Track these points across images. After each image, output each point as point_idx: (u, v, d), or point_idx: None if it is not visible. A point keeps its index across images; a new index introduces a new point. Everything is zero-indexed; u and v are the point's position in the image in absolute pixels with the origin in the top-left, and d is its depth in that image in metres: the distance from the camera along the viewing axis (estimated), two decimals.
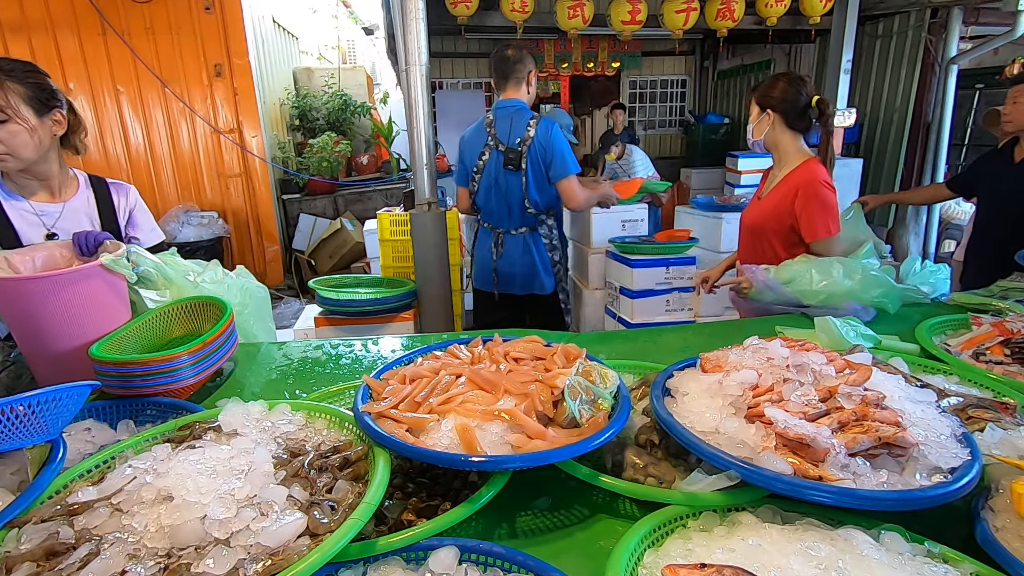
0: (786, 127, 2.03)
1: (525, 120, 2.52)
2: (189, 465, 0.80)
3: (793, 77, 2.01)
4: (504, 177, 2.58)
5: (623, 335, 2.06)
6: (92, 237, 1.41)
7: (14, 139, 1.43)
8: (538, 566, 0.72)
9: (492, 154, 2.59)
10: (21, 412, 0.80)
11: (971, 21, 4.97)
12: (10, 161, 1.45)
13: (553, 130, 2.52)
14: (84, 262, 1.37)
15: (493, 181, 2.62)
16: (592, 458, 0.96)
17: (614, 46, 7.99)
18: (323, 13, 9.63)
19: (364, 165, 6.92)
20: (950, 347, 1.38)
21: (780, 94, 1.99)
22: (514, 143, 2.52)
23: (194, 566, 0.65)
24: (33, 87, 1.45)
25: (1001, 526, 0.76)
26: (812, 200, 1.96)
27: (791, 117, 2.01)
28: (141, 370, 1.18)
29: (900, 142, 5.25)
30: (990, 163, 2.78)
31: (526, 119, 2.52)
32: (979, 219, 2.82)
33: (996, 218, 2.67)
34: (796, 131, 2.03)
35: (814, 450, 0.81)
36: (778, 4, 4.78)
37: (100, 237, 1.42)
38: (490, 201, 2.67)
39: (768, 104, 2.02)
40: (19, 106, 1.42)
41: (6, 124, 1.41)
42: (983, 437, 0.94)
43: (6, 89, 1.40)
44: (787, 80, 2.00)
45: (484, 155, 2.61)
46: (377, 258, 3.46)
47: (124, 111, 5.46)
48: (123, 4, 5.16)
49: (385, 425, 0.91)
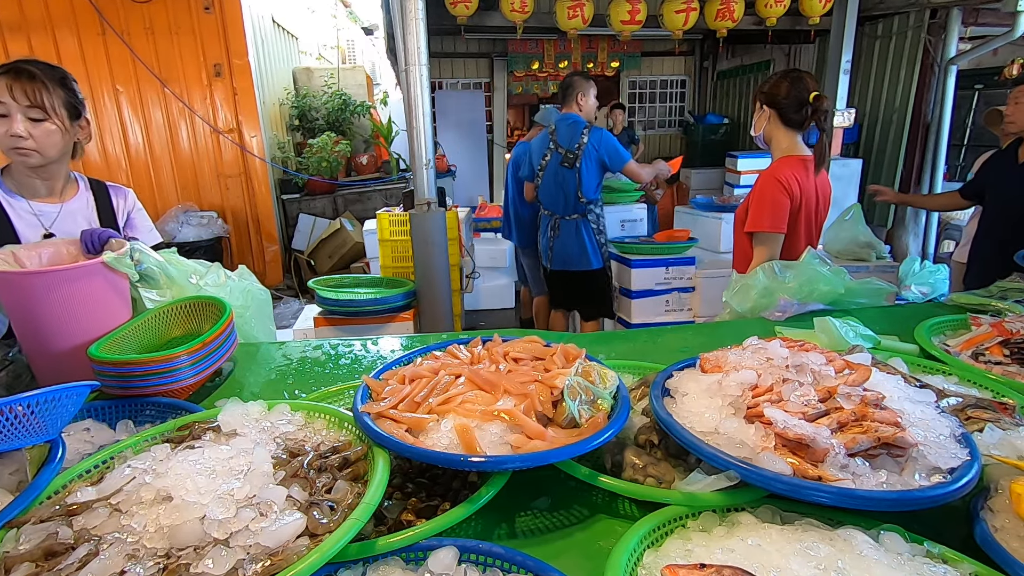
0: (781, 123, 2.03)
1: (579, 129, 3.25)
2: (188, 465, 0.80)
3: (794, 74, 2.01)
4: (561, 173, 3.32)
5: (622, 335, 2.06)
6: (98, 235, 1.43)
7: (47, 138, 1.49)
8: (537, 566, 0.72)
9: (553, 156, 3.35)
10: (20, 412, 0.79)
11: (970, 22, 4.97)
12: (35, 158, 1.50)
13: (603, 134, 3.26)
14: (89, 259, 1.38)
15: (552, 176, 3.37)
16: (591, 458, 0.96)
17: (614, 46, 8.00)
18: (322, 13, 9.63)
19: (364, 165, 6.91)
20: (949, 347, 1.39)
21: (777, 90, 2.00)
22: (572, 147, 3.25)
23: (193, 566, 0.64)
24: (70, 93, 1.53)
25: (1000, 526, 0.76)
26: (755, 192, 2.01)
27: (786, 113, 2.01)
28: (140, 370, 1.18)
29: (899, 142, 5.25)
30: (995, 165, 2.78)
31: (580, 128, 3.25)
32: (983, 220, 2.81)
33: (999, 219, 2.67)
34: (791, 127, 2.03)
35: (813, 450, 0.81)
36: (777, 4, 4.78)
37: (106, 235, 1.43)
38: (550, 193, 3.43)
39: (766, 99, 2.04)
40: (59, 108, 1.49)
41: (43, 123, 1.47)
42: (982, 437, 0.94)
43: (51, 91, 1.47)
44: (787, 76, 2.01)
45: (547, 156, 3.38)
46: (376, 258, 3.46)
47: (123, 111, 5.45)
48: (122, 4, 5.16)
49: (384, 425, 0.90)
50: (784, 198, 1.94)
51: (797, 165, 1.99)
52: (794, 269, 1.72)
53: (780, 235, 1.96)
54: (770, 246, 1.96)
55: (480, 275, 4.05)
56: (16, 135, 1.44)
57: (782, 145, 2.05)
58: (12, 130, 1.44)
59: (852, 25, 4.74)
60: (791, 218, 1.98)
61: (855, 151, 5.67)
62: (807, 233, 2.04)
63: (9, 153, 1.48)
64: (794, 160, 2.00)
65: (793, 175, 1.96)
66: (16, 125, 1.43)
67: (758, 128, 2.09)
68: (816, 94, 1.96)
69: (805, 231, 2.03)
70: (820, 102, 1.95)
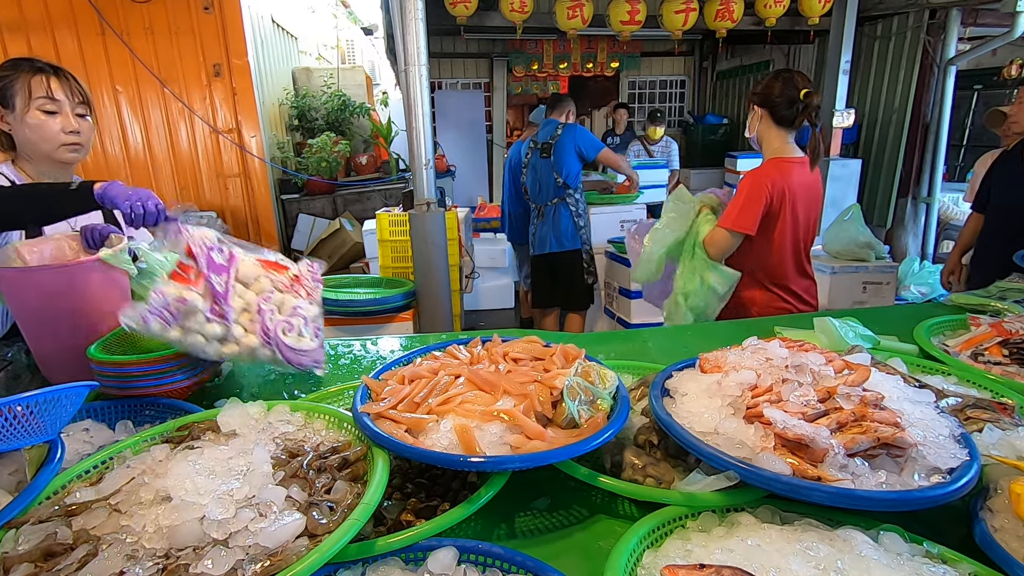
0: (772, 122, 2.04)
1: (555, 125, 3.66)
2: (187, 466, 0.80)
3: (785, 73, 2.03)
4: (540, 163, 3.67)
5: (622, 335, 2.06)
6: (98, 231, 1.44)
7: (90, 133, 1.60)
8: (537, 566, 0.72)
9: (533, 152, 3.73)
10: (19, 412, 0.79)
11: (969, 22, 4.97)
12: (82, 152, 1.59)
13: (578, 128, 3.63)
14: (90, 255, 1.38)
15: (533, 169, 3.74)
16: (591, 458, 0.96)
17: (613, 46, 7.99)
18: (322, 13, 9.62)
19: (363, 165, 6.90)
20: (948, 348, 1.39)
21: (769, 89, 2.02)
22: (547, 139, 3.63)
23: (192, 567, 0.64)
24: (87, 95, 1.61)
25: (999, 526, 0.76)
26: (740, 185, 2.03)
27: (778, 111, 2.01)
28: (140, 370, 1.18)
29: (899, 143, 5.25)
30: (1001, 166, 2.77)
31: (556, 125, 3.66)
32: (987, 222, 2.79)
33: (1005, 220, 2.66)
34: (783, 127, 2.03)
35: (813, 450, 0.81)
36: (777, 5, 4.78)
37: (106, 231, 1.44)
38: (533, 185, 3.77)
39: (759, 99, 2.05)
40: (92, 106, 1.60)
41: (86, 118, 1.59)
42: (981, 437, 0.95)
43: (83, 90, 1.58)
44: (779, 76, 2.02)
45: (528, 155, 3.76)
46: (376, 258, 3.46)
47: (123, 111, 5.44)
48: (122, 4, 5.15)
49: (384, 426, 0.90)
50: (759, 201, 1.97)
51: (785, 167, 2.01)
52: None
53: (741, 234, 2.00)
54: (721, 242, 2.03)
55: (480, 275, 4.06)
56: (74, 129, 1.53)
57: (773, 145, 2.06)
58: (69, 125, 1.52)
59: (851, 25, 4.75)
60: (769, 219, 2.01)
61: (854, 151, 5.67)
62: (794, 231, 2.05)
63: (60, 149, 1.54)
64: (782, 162, 2.02)
65: (778, 177, 1.98)
66: (72, 120, 1.53)
67: (751, 129, 2.12)
68: (807, 91, 1.96)
69: (791, 229, 2.04)
70: (811, 98, 1.96)
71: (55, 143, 1.52)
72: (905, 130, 5.20)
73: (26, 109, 1.48)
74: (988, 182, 2.81)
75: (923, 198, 5.35)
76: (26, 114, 1.48)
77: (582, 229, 3.67)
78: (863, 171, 5.38)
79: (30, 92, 1.48)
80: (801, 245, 2.09)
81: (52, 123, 1.51)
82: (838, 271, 3.19)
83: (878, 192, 5.49)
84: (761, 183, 1.97)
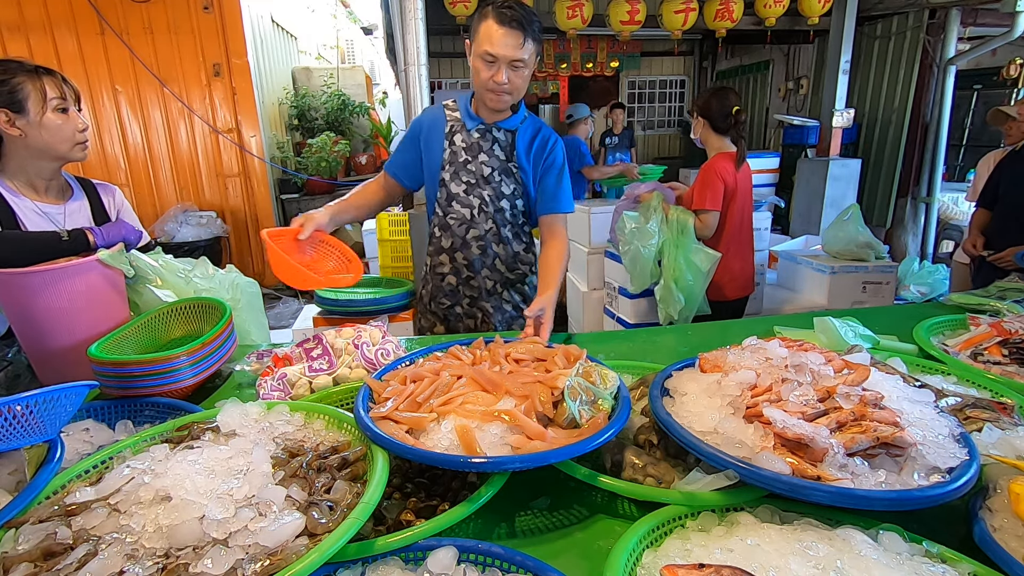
0: (711, 129, 2.58)
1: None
2: (187, 465, 0.80)
3: (720, 90, 2.56)
4: None
5: (622, 335, 2.06)
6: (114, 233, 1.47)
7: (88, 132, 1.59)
8: (537, 566, 0.72)
9: None
10: (19, 412, 0.79)
11: (969, 22, 4.97)
12: (88, 150, 1.59)
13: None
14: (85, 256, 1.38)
15: None
16: (591, 458, 0.96)
17: (613, 46, 7.99)
18: (322, 13, 9.62)
19: (363, 165, 6.91)
20: (948, 347, 1.39)
21: (707, 103, 2.55)
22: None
23: (192, 566, 0.64)
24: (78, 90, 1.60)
25: (999, 526, 0.76)
26: (699, 177, 2.56)
27: (715, 121, 2.56)
28: (140, 370, 1.18)
29: (898, 143, 5.25)
30: (1010, 165, 2.77)
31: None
32: (994, 222, 2.79)
33: (1012, 220, 2.66)
34: (719, 133, 2.58)
35: (812, 450, 0.81)
36: (776, 5, 4.78)
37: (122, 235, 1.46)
38: None
39: (699, 111, 2.59)
40: None
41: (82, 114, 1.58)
42: (981, 437, 0.95)
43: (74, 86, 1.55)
44: (715, 92, 2.56)
45: None
46: (376, 258, 3.46)
47: (122, 111, 5.44)
48: (121, 4, 5.15)
49: (384, 426, 0.90)
50: (720, 184, 2.52)
51: (727, 160, 2.55)
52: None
53: (717, 212, 2.54)
54: (709, 219, 2.55)
55: None
56: (86, 128, 1.55)
57: (714, 145, 2.62)
58: (81, 123, 1.53)
59: (851, 25, 4.75)
60: (725, 200, 2.54)
61: (854, 151, 5.66)
62: (739, 212, 2.60)
63: (74, 148, 1.54)
64: (725, 156, 2.56)
65: (726, 168, 2.53)
66: (79, 118, 1.53)
67: (695, 132, 2.65)
68: (736, 108, 2.49)
69: (739, 210, 2.59)
70: (739, 115, 2.51)
71: (72, 142, 1.51)
72: (905, 130, 5.19)
73: (42, 111, 1.44)
74: (995, 179, 2.82)
75: (923, 198, 5.35)
76: (43, 116, 1.45)
77: None
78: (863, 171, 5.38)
79: (44, 94, 1.44)
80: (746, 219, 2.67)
81: (68, 123, 1.50)
82: (838, 271, 3.19)
83: (878, 192, 5.49)
84: (716, 171, 2.52)
